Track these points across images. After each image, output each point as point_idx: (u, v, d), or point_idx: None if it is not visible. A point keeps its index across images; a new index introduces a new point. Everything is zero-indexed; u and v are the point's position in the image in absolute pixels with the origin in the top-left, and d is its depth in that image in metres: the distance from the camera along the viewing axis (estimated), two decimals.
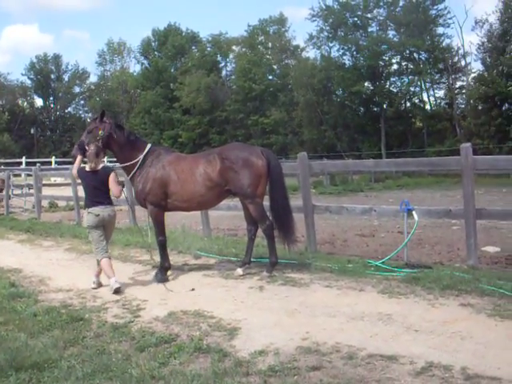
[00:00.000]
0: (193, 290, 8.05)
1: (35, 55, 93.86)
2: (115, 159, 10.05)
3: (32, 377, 4.97)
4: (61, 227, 16.17)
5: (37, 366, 5.20)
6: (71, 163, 10.42)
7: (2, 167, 41.63)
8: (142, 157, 9.19)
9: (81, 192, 13.91)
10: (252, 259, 9.53)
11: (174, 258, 10.52)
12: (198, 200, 9.17)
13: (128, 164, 9.31)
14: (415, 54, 60.66)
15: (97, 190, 8.71)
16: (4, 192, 22.75)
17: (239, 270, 8.98)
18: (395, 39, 60.53)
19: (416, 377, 4.63)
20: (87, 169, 8.86)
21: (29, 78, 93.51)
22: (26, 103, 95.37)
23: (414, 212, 9.29)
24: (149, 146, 9.45)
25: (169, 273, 9.15)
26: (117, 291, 8.07)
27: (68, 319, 6.72)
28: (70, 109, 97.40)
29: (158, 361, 5.23)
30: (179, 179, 8.99)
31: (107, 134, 9.14)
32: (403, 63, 62.75)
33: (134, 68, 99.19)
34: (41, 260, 10.96)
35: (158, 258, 9.36)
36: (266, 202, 9.30)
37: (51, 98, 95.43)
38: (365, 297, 7.31)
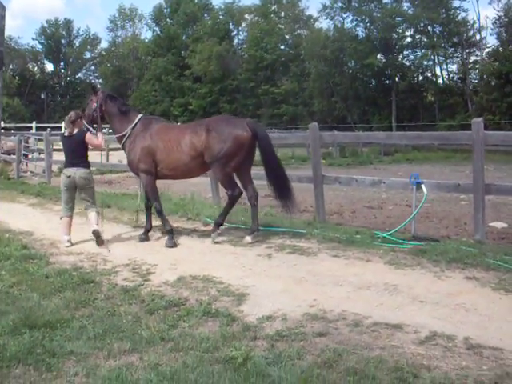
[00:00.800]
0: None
1: (46, 20, 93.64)
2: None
3: (45, 335, 5.08)
4: None
5: (49, 325, 5.31)
6: None
7: (13, 131, 41.76)
8: (132, 126, 9.71)
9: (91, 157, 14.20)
10: (260, 227, 9.65)
11: (183, 225, 10.67)
12: (182, 169, 9.45)
13: (119, 135, 9.90)
14: (429, 27, 60.11)
15: (72, 153, 9.53)
16: (15, 156, 22.88)
17: (248, 238, 9.11)
18: (409, 11, 59.94)
19: (420, 345, 4.72)
20: (65, 134, 9.73)
21: (39, 42, 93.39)
22: (36, 68, 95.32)
23: (423, 185, 9.31)
24: (139, 116, 9.89)
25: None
26: (67, 246, 9.07)
27: (79, 281, 6.84)
28: (80, 74, 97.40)
29: (168, 323, 5.35)
30: (165, 148, 9.33)
31: (99, 105, 9.90)
32: (417, 36, 62.20)
33: (146, 35, 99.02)
34: (51, 223, 11.06)
35: (143, 221, 10.13)
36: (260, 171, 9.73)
37: (62, 64, 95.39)
38: (372, 267, 7.39)
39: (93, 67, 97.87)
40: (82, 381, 4.29)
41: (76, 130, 9.55)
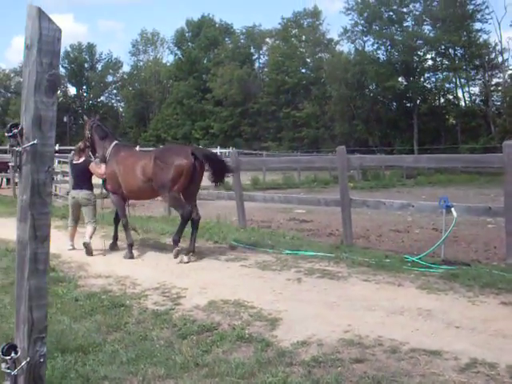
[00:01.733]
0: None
1: (69, 44, 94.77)
2: None
3: (77, 359, 5.03)
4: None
5: (81, 349, 5.27)
6: None
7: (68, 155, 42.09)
8: (107, 154, 10.74)
9: None
10: (288, 251, 9.68)
11: (210, 248, 10.62)
12: (136, 191, 10.47)
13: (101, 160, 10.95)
14: (451, 50, 60.11)
15: (77, 178, 11.21)
16: None
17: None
18: (431, 34, 60.03)
19: (461, 373, 4.60)
20: (73, 161, 11.40)
21: (63, 66, 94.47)
22: (59, 91, 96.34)
23: (452, 209, 9.22)
24: (113, 143, 10.91)
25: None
26: (70, 249, 10.85)
27: (109, 305, 6.80)
28: (102, 98, 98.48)
29: (201, 348, 5.27)
30: (124, 173, 10.36)
31: (87, 133, 11.24)
32: (438, 59, 62.27)
33: (167, 58, 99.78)
34: (78, 246, 11.08)
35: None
36: None
37: (84, 87, 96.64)
38: (403, 292, 7.28)
39: (115, 91, 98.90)
40: None
41: (82, 159, 11.02)
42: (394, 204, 10.47)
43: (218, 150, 58.30)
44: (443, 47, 59.57)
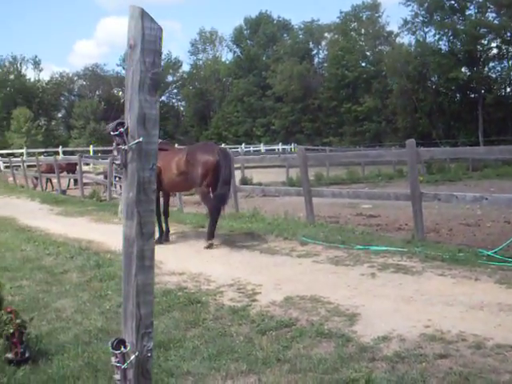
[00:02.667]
0: None
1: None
2: None
3: (159, 355, 5.10)
4: None
5: (162, 344, 5.35)
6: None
7: (100, 154, 43.12)
8: None
9: None
10: (359, 246, 9.65)
11: (280, 245, 10.61)
12: (172, 184, 11.49)
13: None
14: None
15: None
16: (107, 179, 23.55)
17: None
18: (495, 22, 58.49)
19: None
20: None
21: (124, 68, 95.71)
22: (121, 93, 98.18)
23: None
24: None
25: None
26: None
27: (186, 301, 6.87)
28: (163, 98, 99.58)
29: (281, 344, 5.27)
30: (164, 168, 11.11)
31: None
32: (503, 47, 60.56)
33: (226, 56, 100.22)
34: None
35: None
36: None
37: None
38: (481, 286, 7.11)
39: (175, 90, 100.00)
40: None
41: None
42: (466, 197, 10.24)
43: (279, 147, 58.63)
44: (509, 34, 57.98)
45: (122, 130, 2.27)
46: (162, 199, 12.15)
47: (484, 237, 11.61)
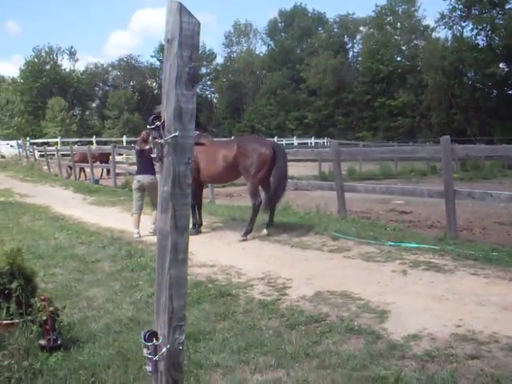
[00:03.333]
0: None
1: (164, 38, 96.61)
2: None
3: (189, 346, 5.13)
4: None
5: (192, 336, 5.38)
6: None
7: (133, 145, 43.39)
8: None
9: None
10: (391, 243, 9.66)
11: (312, 239, 10.59)
12: (216, 175, 11.68)
13: None
14: None
15: (142, 164, 11.92)
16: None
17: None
18: None
19: None
20: (138, 148, 12.20)
21: (158, 59, 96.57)
22: (155, 84, 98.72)
23: None
24: (195, 134, 11.97)
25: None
26: (136, 237, 11.27)
27: (216, 294, 6.91)
28: (197, 89, 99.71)
29: (311, 339, 5.28)
30: (206, 160, 11.42)
31: None
32: None
33: (261, 49, 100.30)
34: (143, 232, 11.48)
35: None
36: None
37: None
38: None
39: (209, 82, 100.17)
40: None
41: (147, 146, 11.67)
42: (501, 195, 10.09)
43: (312, 141, 58.45)
44: None
45: (158, 123, 2.28)
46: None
47: None
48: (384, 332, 5.45)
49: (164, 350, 2.38)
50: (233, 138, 13.81)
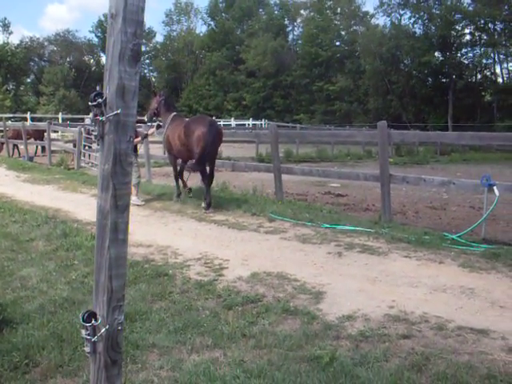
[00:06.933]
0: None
1: (103, 13, 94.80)
2: None
3: (125, 327, 5.07)
4: None
5: (128, 316, 5.33)
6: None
7: (69, 122, 42.58)
8: (167, 122, 13.04)
9: (152, 150, 15.54)
10: (327, 225, 9.81)
11: (248, 220, 10.63)
12: (177, 151, 12.62)
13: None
14: (490, 25, 58.78)
15: None
16: (76, 147, 23.24)
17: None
18: (470, 8, 58.75)
19: (509, 352, 4.58)
20: None
21: (96, 36, 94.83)
22: (92, 60, 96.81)
23: (495, 187, 9.10)
24: (172, 114, 13.17)
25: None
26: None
27: (152, 274, 6.89)
28: None
29: (247, 320, 5.32)
30: (171, 137, 12.58)
31: (155, 106, 13.61)
32: (476, 34, 60.91)
33: (201, 29, 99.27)
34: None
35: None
36: None
37: None
38: (445, 269, 7.23)
39: (147, 61, 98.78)
40: (168, 374, 4.30)
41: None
42: (434, 181, 10.35)
43: (250, 122, 58.47)
44: (483, 21, 58.28)
45: (100, 100, 2.24)
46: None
47: (449, 220, 11.79)
48: (319, 313, 5.54)
49: (103, 330, 2.36)
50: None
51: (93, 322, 2.34)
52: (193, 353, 4.67)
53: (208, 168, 12.06)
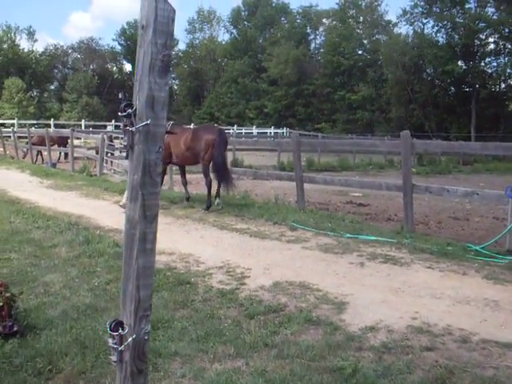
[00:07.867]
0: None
1: (126, 22, 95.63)
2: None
3: None
4: None
5: (151, 324, 5.33)
6: None
7: (91, 129, 42.94)
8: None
9: None
10: (349, 235, 9.74)
11: (270, 229, 10.63)
12: (181, 157, 13.26)
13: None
14: None
15: None
16: (98, 154, 23.41)
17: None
18: (494, 17, 58.40)
19: None
20: None
21: (119, 43, 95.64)
22: (115, 68, 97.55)
23: None
24: (170, 123, 13.34)
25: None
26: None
27: (175, 282, 6.89)
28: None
29: (269, 329, 5.30)
30: (173, 143, 13.01)
31: None
32: (501, 42, 60.47)
33: (223, 37, 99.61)
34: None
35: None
36: None
37: None
38: (468, 281, 7.16)
39: (170, 68, 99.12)
40: (190, 383, 4.30)
41: None
42: (457, 191, 10.27)
43: (272, 130, 58.51)
44: (507, 30, 57.86)
45: (130, 111, 2.26)
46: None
47: (472, 231, 11.70)
48: (342, 323, 5.51)
49: (130, 339, 2.37)
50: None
51: (120, 331, 2.35)
52: (215, 361, 4.67)
53: (217, 174, 12.78)
